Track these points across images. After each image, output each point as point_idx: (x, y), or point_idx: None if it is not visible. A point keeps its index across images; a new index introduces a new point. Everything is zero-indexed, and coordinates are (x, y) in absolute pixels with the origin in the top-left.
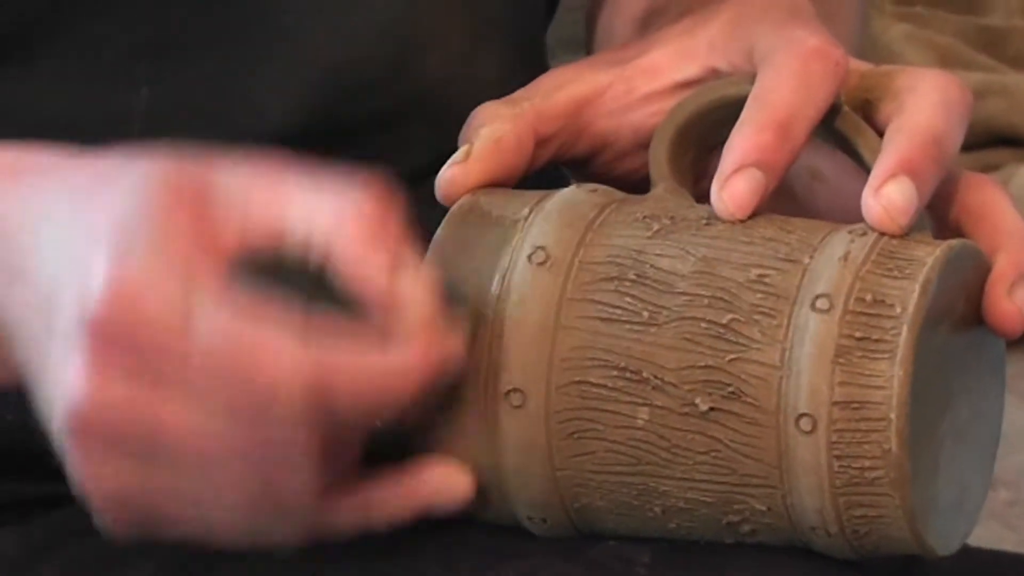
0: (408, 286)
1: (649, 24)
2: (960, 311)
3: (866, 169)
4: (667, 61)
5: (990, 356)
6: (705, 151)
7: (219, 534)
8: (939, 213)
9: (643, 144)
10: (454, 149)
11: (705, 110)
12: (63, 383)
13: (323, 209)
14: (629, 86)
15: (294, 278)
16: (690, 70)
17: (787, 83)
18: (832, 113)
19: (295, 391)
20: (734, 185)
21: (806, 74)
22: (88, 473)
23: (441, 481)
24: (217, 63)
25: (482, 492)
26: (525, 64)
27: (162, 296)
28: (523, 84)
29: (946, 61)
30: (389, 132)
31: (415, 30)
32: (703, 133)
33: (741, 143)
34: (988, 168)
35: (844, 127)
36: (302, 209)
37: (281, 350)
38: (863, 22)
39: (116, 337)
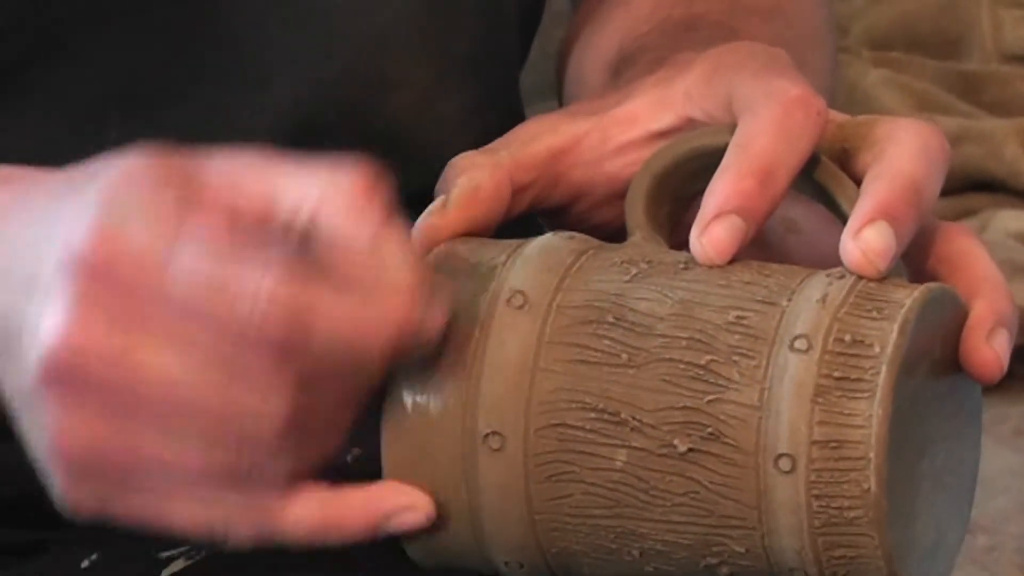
0: (392, 253)
1: (619, 71)
2: (938, 356)
3: (843, 219)
4: (643, 111)
5: (967, 403)
6: (682, 202)
7: (176, 513)
8: (915, 263)
9: (619, 194)
10: (422, 190)
11: (681, 160)
12: (41, 331)
13: (312, 183)
14: (605, 136)
15: None
16: (666, 120)
17: (769, 131)
18: (810, 163)
19: (271, 322)
20: (714, 231)
21: (788, 123)
22: (58, 427)
23: (401, 499)
24: (186, 108)
25: (459, 537)
26: (495, 104)
27: (145, 236)
28: (493, 124)
29: (923, 106)
30: None
31: (381, 70)
32: (679, 184)
33: (722, 189)
34: (965, 213)
35: (822, 177)
36: (291, 184)
37: (260, 283)
38: (835, 72)
39: (96, 275)
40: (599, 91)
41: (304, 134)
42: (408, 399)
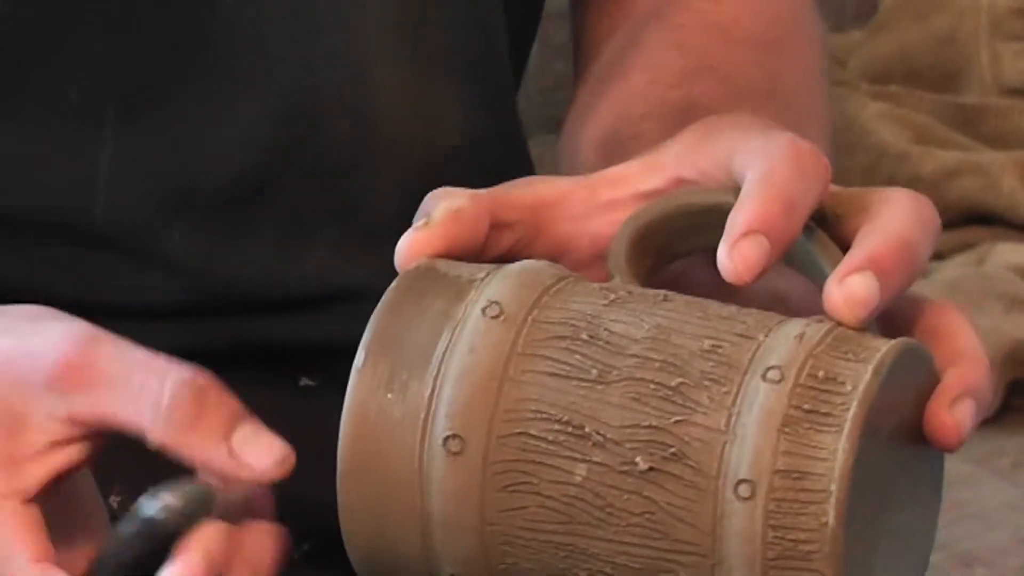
0: (253, 455)
1: (612, 156)
2: (907, 418)
3: None
4: (632, 172)
5: (931, 476)
6: (664, 260)
7: None
8: (900, 333)
9: (601, 254)
10: (411, 205)
11: (668, 215)
12: None
13: (142, 407)
14: (592, 193)
15: None
16: (655, 181)
17: (787, 169)
18: (804, 229)
19: None
20: (743, 247)
21: (802, 167)
22: None
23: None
24: (179, 104)
25: (406, 544)
26: (488, 104)
27: None
28: (486, 125)
29: (921, 139)
30: (347, 177)
31: (367, 61)
32: (664, 240)
33: (749, 212)
34: (963, 246)
35: (812, 243)
36: (127, 409)
37: None
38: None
39: None
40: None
41: (295, 125)
42: (371, 398)
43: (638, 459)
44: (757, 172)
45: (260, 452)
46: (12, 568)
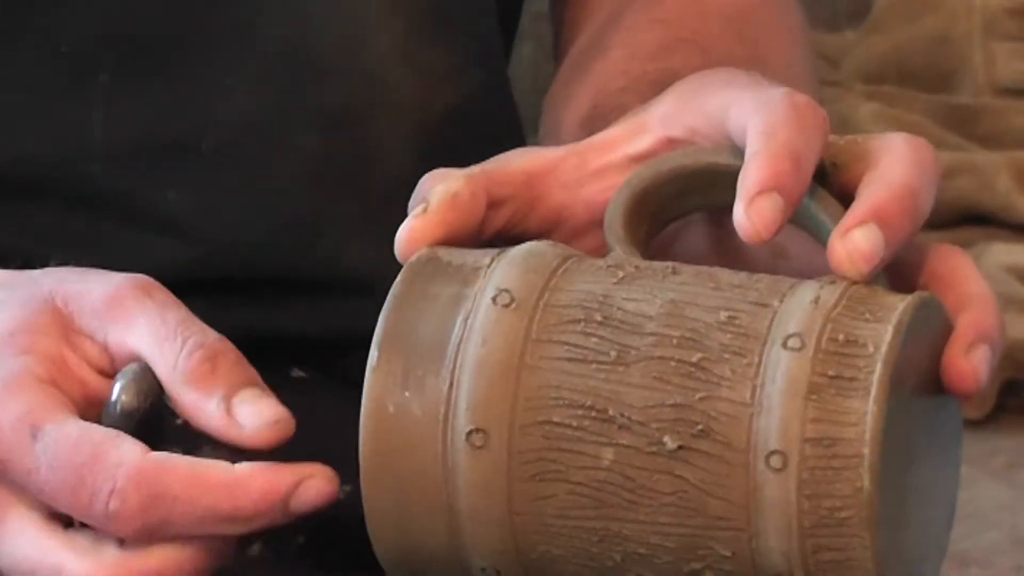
0: (248, 415)
1: (591, 127)
2: (926, 369)
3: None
4: (620, 136)
5: (950, 423)
6: (660, 223)
7: None
8: (907, 280)
9: (597, 221)
10: (412, 168)
11: (662, 179)
12: None
13: (157, 353)
14: (582, 160)
15: None
16: (643, 143)
17: (789, 124)
18: None
19: (124, 518)
20: (760, 204)
21: (802, 120)
22: None
23: (298, 472)
24: (177, 52)
25: (434, 540)
26: (479, 64)
27: (12, 416)
28: (477, 86)
29: None
30: (346, 138)
31: (360, 21)
32: (659, 203)
33: (760, 170)
34: (958, 246)
35: (810, 197)
36: (152, 350)
37: (120, 458)
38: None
39: None
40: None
41: (292, 76)
42: (388, 397)
43: (666, 438)
44: (759, 128)
45: (255, 414)
46: (68, 420)
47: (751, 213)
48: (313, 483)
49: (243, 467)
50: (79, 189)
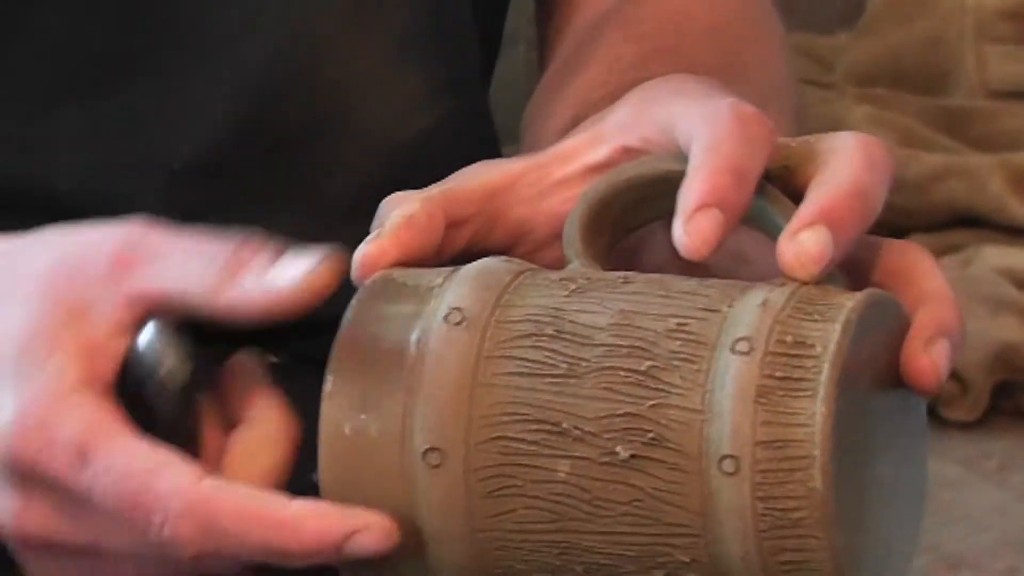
0: (281, 276)
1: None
2: (882, 367)
3: None
4: (578, 146)
5: (913, 420)
6: (620, 233)
7: None
8: (862, 277)
9: (559, 233)
10: (381, 189)
11: (619, 189)
12: (3, 508)
13: (192, 275)
14: (542, 173)
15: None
16: (601, 152)
17: (733, 136)
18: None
19: (184, 527)
20: (698, 221)
21: (746, 131)
22: (37, 571)
23: (353, 521)
24: (139, 83)
25: (402, 562)
26: (454, 91)
27: (61, 439)
28: (455, 111)
29: (907, 142)
30: (310, 157)
31: (328, 38)
32: (618, 214)
33: (700, 185)
34: (950, 249)
35: (766, 199)
36: (177, 281)
37: (172, 487)
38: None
39: (31, 476)
40: None
41: (256, 103)
42: (345, 421)
43: (618, 448)
44: (702, 142)
45: (288, 272)
46: (115, 443)
47: (689, 229)
48: (368, 535)
49: (299, 506)
50: (47, 210)
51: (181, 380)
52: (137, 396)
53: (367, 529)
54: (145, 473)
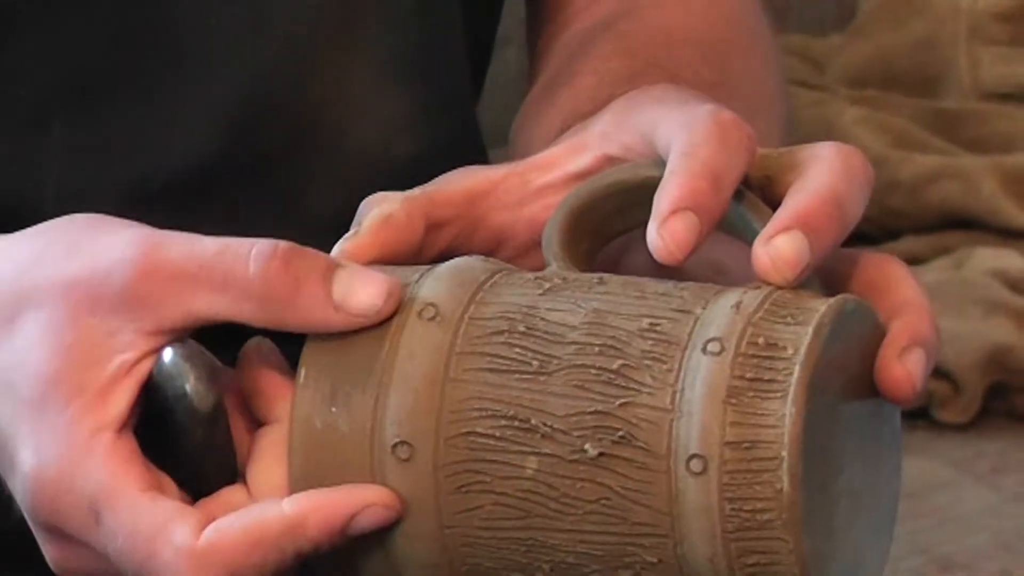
0: (354, 299)
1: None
2: (855, 374)
3: None
4: (560, 154)
5: (887, 430)
6: (602, 240)
7: None
8: (839, 289)
9: (540, 240)
10: (357, 196)
11: (599, 196)
12: (45, 551)
13: (239, 297)
14: (524, 179)
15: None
16: (583, 161)
17: (711, 142)
18: (735, 193)
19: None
20: (673, 224)
21: (726, 138)
22: (53, 554)
23: (365, 495)
24: (128, 101)
25: (370, 557)
26: (444, 112)
27: (74, 500)
28: (443, 132)
29: (900, 144)
30: (296, 179)
31: (315, 58)
32: (598, 220)
33: (675, 189)
34: (942, 250)
35: (745, 207)
36: (218, 302)
37: (175, 548)
38: (787, 135)
39: (51, 529)
40: None
41: (245, 126)
42: (316, 414)
43: (587, 446)
44: (680, 147)
45: (363, 295)
46: (120, 502)
47: (663, 232)
48: (372, 512)
49: (297, 504)
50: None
51: (211, 401)
52: (164, 418)
53: (370, 506)
54: (149, 538)
